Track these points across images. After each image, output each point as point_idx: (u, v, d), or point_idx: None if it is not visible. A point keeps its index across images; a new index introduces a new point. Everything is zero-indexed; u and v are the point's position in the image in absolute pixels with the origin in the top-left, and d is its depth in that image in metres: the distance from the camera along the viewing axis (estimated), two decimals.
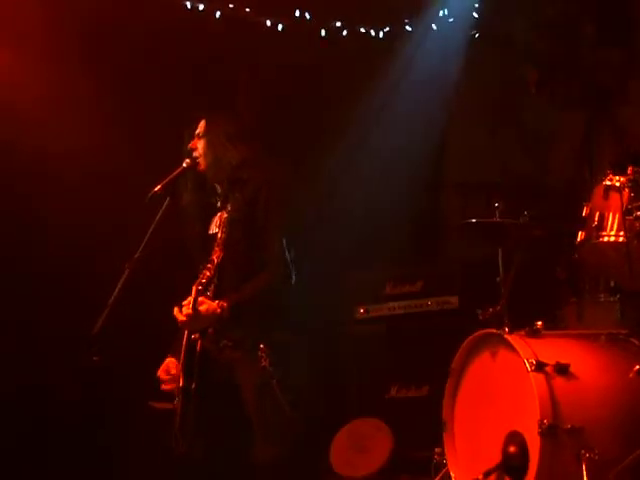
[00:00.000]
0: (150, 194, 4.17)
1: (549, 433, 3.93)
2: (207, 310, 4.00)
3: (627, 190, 4.08)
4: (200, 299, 4.01)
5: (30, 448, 5.60)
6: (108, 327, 3.99)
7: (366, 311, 6.24)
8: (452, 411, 4.50)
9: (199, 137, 4.36)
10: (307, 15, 6.61)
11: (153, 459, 5.61)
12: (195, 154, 4.33)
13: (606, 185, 4.17)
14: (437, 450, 4.82)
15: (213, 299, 4.08)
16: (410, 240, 6.52)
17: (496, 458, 4.16)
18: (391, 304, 6.24)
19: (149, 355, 5.90)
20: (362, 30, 6.73)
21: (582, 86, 5.94)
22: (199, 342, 4.10)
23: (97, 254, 5.69)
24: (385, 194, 6.64)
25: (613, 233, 4.12)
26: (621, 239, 4.08)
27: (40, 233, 5.84)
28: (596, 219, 4.17)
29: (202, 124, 4.39)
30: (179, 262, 6.21)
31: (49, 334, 5.71)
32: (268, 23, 6.52)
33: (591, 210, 4.23)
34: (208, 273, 4.04)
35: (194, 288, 4.02)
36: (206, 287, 4.02)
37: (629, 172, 4.09)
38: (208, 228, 4.35)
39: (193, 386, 4.06)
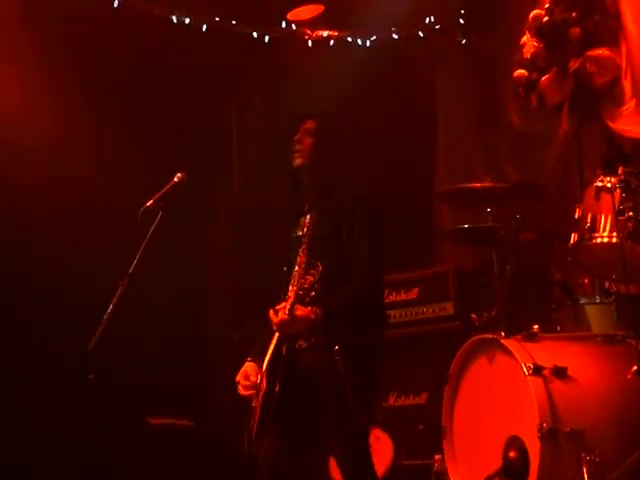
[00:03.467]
0: (142, 209, 4.14)
1: (549, 437, 3.92)
2: (302, 315, 3.94)
3: (619, 191, 4.06)
4: (296, 305, 3.98)
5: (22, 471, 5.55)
6: (103, 344, 3.96)
7: None
8: (451, 418, 4.49)
9: (308, 133, 4.29)
10: (293, 25, 6.63)
11: (152, 476, 5.61)
12: (298, 148, 4.28)
13: (597, 186, 4.15)
14: (437, 457, 4.82)
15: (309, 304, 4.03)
16: (404, 247, 6.51)
17: (496, 463, 4.15)
18: (387, 312, 6.23)
19: (145, 372, 5.93)
20: (349, 39, 6.74)
21: (570, 88, 5.93)
22: (284, 346, 4.05)
23: (92, 272, 5.67)
24: None
25: (606, 234, 4.10)
26: (614, 240, 4.06)
27: (36, 249, 5.82)
28: (589, 221, 4.16)
29: (313, 122, 4.31)
30: (174, 276, 6.28)
31: (43, 352, 5.67)
32: (255, 35, 6.54)
33: (583, 212, 4.22)
34: (311, 278, 3.99)
35: (292, 292, 4.02)
36: (307, 293, 3.97)
37: (620, 172, 4.08)
38: (294, 230, 4.31)
39: (277, 389, 3.98)
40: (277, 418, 4.00)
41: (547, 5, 5.68)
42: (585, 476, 3.85)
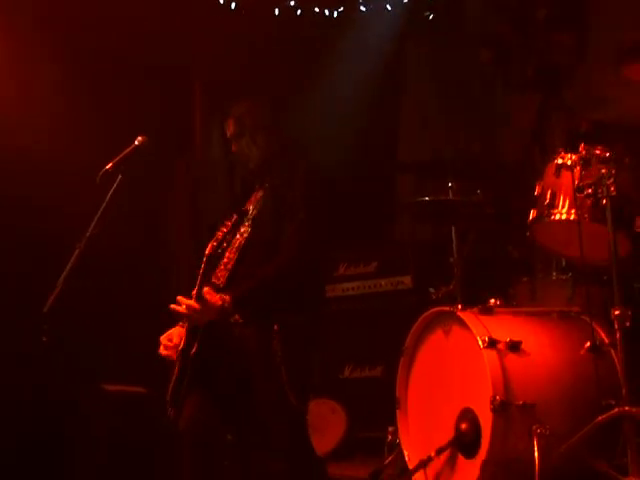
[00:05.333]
0: (101, 172, 4.10)
1: (501, 409, 3.95)
2: (210, 301, 3.85)
3: (578, 168, 4.09)
4: (205, 289, 3.87)
5: None
6: (58, 308, 3.92)
7: None
8: (406, 389, 4.52)
9: (238, 137, 4.21)
10: None
11: (104, 442, 5.59)
12: (241, 156, 4.23)
13: (558, 164, 4.17)
14: (390, 429, 4.84)
15: (226, 285, 3.98)
16: (363, 220, 6.52)
17: (449, 435, 4.18)
18: (345, 285, 6.25)
19: (101, 336, 5.90)
20: (316, 10, 6.71)
21: (535, 68, 5.97)
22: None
23: (50, 234, 5.62)
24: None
25: (565, 211, 4.12)
26: (572, 217, 4.09)
27: None
28: (548, 197, 4.18)
29: (234, 124, 4.23)
30: (131, 240, 6.24)
31: None
32: (221, 1, 6.48)
33: (543, 188, 4.24)
34: (229, 255, 3.98)
35: (200, 275, 3.91)
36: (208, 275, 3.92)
37: (581, 150, 4.11)
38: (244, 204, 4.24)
39: (193, 350, 3.91)
40: (198, 384, 3.94)
41: None
42: (535, 449, 3.88)
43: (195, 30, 6.56)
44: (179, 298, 3.95)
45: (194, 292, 3.92)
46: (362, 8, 6.82)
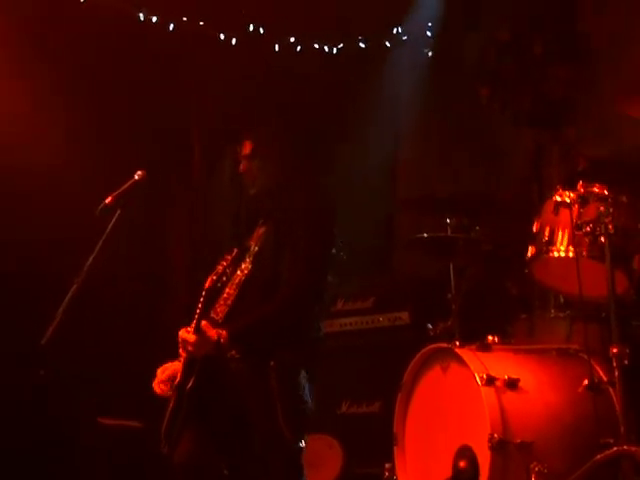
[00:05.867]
0: (100, 207, 4.11)
1: (499, 447, 3.94)
2: (206, 335, 3.86)
3: (577, 206, 4.10)
4: (203, 322, 3.89)
5: None
6: (56, 341, 3.91)
7: None
8: (403, 425, 4.50)
9: (250, 158, 4.19)
10: (261, 30, 6.63)
11: (102, 476, 5.56)
12: (247, 178, 4.19)
13: (556, 201, 4.19)
14: (387, 466, 4.81)
15: (224, 321, 3.96)
16: (361, 256, 6.52)
17: (447, 472, 4.16)
18: (342, 320, 6.23)
19: (98, 370, 5.88)
20: (316, 46, 6.76)
21: (532, 102, 6.00)
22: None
23: (48, 268, 5.62)
24: None
25: (563, 248, 4.13)
26: (571, 254, 4.10)
27: None
28: (546, 234, 4.19)
29: (250, 144, 4.21)
30: (131, 276, 6.24)
31: None
32: (222, 37, 6.53)
33: (541, 225, 4.25)
34: (228, 291, 3.97)
35: (199, 308, 3.90)
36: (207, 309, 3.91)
37: (579, 188, 4.12)
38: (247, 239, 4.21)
39: (189, 385, 3.89)
40: (194, 419, 3.92)
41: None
42: None
43: (195, 63, 6.61)
44: (181, 332, 3.95)
45: (192, 325, 3.92)
46: (362, 45, 6.86)
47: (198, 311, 3.92)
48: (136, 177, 4.26)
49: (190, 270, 6.88)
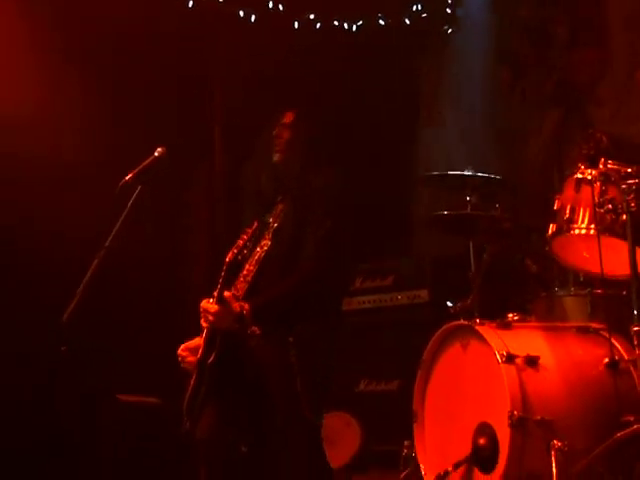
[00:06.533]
0: (121, 183, 4.12)
1: (519, 424, 3.93)
2: (230, 305, 3.91)
3: (599, 183, 4.08)
4: (226, 293, 3.93)
5: None
6: (77, 318, 3.93)
7: None
8: (422, 402, 4.49)
9: (286, 127, 4.27)
10: (280, 6, 6.60)
11: (121, 453, 5.59)
12: (277, 142, 4.25)
13: (578, 178, 4.16)
14: (406, 443, 4.82)
15: (245, 297, 3.99)
16: (381, 234, 6.51)
17: (466, 450, 4.16)
18: (361, 298, 6.24)
19: (116, 346, 5.91)
20: (335, 23, 6.73)
21: (555, 85, 5.98)
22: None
23: (70, 244, 5.64)
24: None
25: (584, 226, 4.11)
26: (592, 232, 4.08)
27: (9, 220, 5.77)
28: (567, 212, 4.17)
29: (292, 114, 4.29)
30: (149, 250, 6.25)
31: (16, 324, 5.64)
32: (241, 14, 6.51)
33: (562, 203, 4.22)
34: (248, 267, 3.98)
35: (220, 281, 3.93)
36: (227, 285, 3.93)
37: (601, 165, 4.10)
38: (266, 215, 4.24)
39: (210, 360, 3.93)
40: (215, 395, 3.95)
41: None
42: (553, 464, 3.86)
43: (215, 40, 6.60)
44: (203, 302, 3.96)
45: (215, 294, 3.94)
46: (381, 22, 6.83)
47: (220, 284, 3.93)
48: (156, 154, 4.28)
49: (211, 246, 6.89)
